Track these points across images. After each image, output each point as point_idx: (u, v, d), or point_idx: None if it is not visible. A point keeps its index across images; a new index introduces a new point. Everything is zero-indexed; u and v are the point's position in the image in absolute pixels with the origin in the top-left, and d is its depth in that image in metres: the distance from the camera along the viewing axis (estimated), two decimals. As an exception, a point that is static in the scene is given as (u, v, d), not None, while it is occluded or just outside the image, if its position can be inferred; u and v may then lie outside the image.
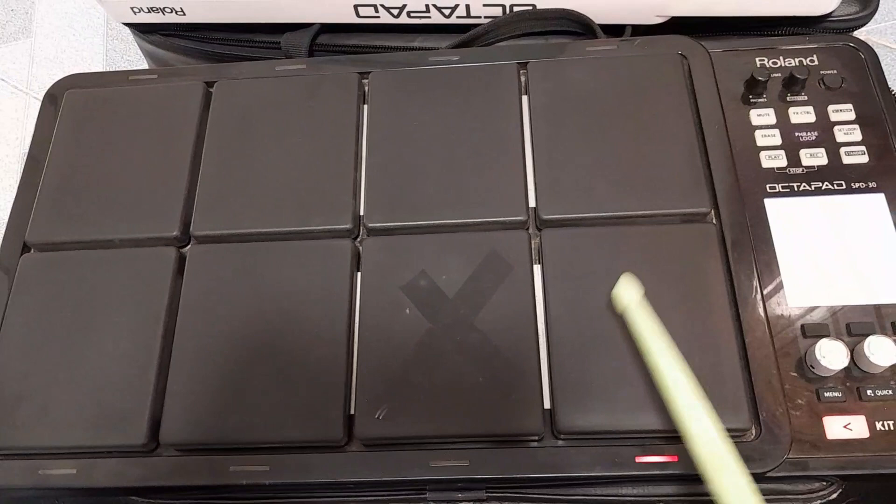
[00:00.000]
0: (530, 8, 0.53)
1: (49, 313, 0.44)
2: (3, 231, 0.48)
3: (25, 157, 0.50)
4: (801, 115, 0.47)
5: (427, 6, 0.54)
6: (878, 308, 0.41)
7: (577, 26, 0.55)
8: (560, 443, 0.39)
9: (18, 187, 0.49)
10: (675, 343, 0.38)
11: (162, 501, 0.43)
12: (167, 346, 0.42)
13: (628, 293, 0.39)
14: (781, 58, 0.49)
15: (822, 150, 0.46)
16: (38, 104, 0.53)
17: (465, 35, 0.55)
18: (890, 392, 0.39)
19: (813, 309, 0.42)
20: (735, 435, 0.38)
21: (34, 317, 0.44)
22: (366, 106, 0.49)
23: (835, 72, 0.48)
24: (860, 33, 0.54)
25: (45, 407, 0.41)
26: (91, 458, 0.41)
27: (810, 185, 0.45)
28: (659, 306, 0.41)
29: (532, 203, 0.45)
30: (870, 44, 0.50)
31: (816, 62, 0.49)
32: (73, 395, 0.41)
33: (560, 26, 0.55)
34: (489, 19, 0.55)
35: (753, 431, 0.38)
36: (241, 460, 0.40)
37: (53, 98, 0.52)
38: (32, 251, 0.47)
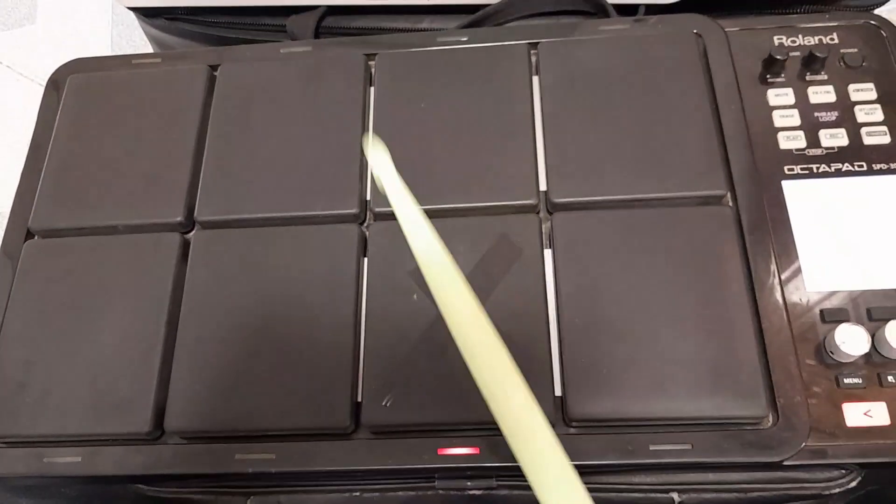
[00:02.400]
0: (541, -13, 0.52)
1: (53, 300, 0.43)
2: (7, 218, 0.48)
3: (29, 144, 0.50)
4: (821, 94, 0.46)
5: (435, -14, 0.53)
6: (899, 292, 0.40)
7: (589, 6, 0.53)
8: (571, 430, 0.38)
9: (22, 173, 0.49)
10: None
11: (167, 489, 0.42)
12: (171, 332, 0.42)
13: (379, 161, 0.31)
14: (800, 36, 0.48)
15: (843, 131, 0.44)
16: (42, 90, 0.52)
17: (474, 15, 0.54)
18: (912, 379, 0.38)
19: (832, 293, 0.40)
20: (752, 423, 0.37)
21: (38, 303, 0.43)
22: (372, 88, 0.48)
23: (856, 50, 0.47)
24: (881, 11, 0.52)
25: (48, 394, 0.41)
26: (95, 446, 0.40)
27: (830, 167, 0.44)
28: (674, 291, 0.40)
29: (543, 186, 0.44)
30: (892, 21, 0.48)
31: (837, 40, 0.47)
32: (77, 383, 0.41)
33: (571, 6, 0.54)
34: (498, -1, 0.53)
35: (771, 419, 0.37)
36: (246, 448, 0.39)
37: (56, 83, 0.52)
38: (36, 238, 0.46)
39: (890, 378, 0.38)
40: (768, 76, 0.47)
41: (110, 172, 0.47)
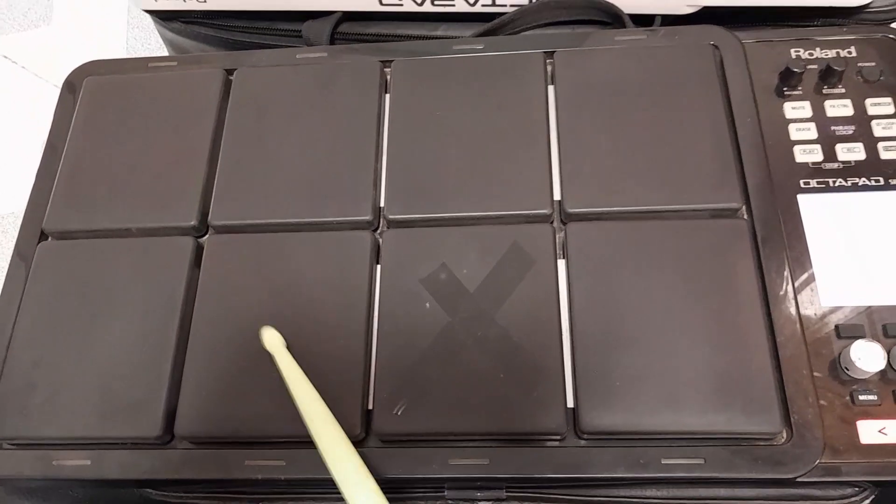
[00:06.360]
0: (557, -4, 0.52)
1: (65, 302, 0.43)
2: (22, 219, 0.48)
3: (44, 145, 0.50)
4: (838, 108, 0.45)
5: (451, -6, 0.53)
6: (916, 309, 0.40)
7: (606, 15, 0.53)
8: (583, 442, 0.38)
9: (36, 175, 0.49)
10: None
11: (176, 494, 0.42)
12: (183, 337, 0.42)
13: (273, 341, 0.40)
14: (818, 49, 0.47)
15: (860, 145, 0.44)
16: (58, 92, 0.52)
17: (490, 24, 0.54)
18: (928, 397, 0.38)
19: (847, 309, 0.40)
20: (766, 438, 0.37)
21: (50, 305, 0.43)
22: (388, 95, 0.48)
23: (873, 64, 0.47)
24: (899, 25, 0.52)
25: (59, 396, 0.41)
26: (105, 450, 0.40)
27: (846, 181, 0.43)
28: (687, 304, 0.39)
29: (557, 196, 0.44)
30: (910, 35, 0.48)
31: (854, 54, 0.47)
32: (88, 385, 0.41)
33: (588, 15, 0.54)
34: (515, 8, 0.53)
35: (784, 435, 0.37)
36: (256, 454, 0.39)
37: (72, 85, 0.52)
38: (49, 239, 0.46)
39: (905, 395, 0.38)
40: (785, 89, 0.46)
41: (125, 175, 0.47)
